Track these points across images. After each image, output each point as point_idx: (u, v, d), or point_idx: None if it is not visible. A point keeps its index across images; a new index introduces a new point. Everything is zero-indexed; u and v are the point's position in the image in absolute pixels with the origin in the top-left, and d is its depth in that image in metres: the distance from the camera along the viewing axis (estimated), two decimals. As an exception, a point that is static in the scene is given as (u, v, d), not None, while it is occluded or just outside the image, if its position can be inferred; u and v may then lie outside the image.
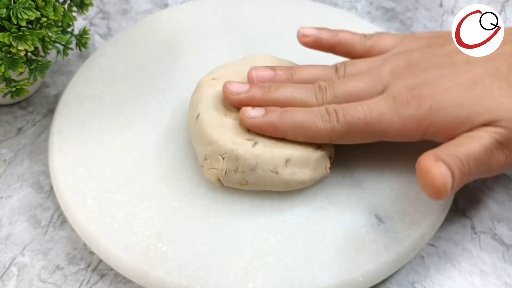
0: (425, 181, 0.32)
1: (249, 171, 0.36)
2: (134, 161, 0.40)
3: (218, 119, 0.38)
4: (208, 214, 0.37)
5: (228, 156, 0.36)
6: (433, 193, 0.32)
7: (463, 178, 0.33)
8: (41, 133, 0.45)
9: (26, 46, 0.37)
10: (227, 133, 0.37)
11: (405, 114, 0.35)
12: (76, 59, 0.51)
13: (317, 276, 0.34)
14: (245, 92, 0.38)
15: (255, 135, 0.37)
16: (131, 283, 0.37)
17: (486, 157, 0.33)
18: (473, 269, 0.38)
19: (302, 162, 0.37)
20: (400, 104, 0.35)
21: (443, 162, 0.32)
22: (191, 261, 0.35)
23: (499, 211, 0.42)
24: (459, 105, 0.34)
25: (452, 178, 0.32)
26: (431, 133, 0.35)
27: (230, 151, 0.36)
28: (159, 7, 0.58)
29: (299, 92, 0.38)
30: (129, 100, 0.44)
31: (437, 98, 0.34)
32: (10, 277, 0.37)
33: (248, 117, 0.37)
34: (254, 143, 0.37)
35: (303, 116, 0.36)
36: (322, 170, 0.38)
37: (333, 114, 0.36)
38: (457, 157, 0.32)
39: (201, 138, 0.38)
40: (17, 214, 0.40)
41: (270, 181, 0.37)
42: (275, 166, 0.36)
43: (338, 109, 0.36)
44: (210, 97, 0.39)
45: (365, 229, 0.36)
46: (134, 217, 0.37)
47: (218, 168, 0.37)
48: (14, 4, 0.37)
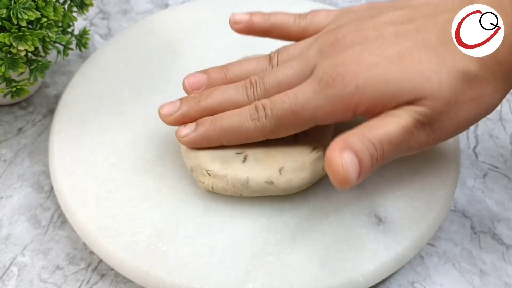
0: (329, 172, 0.30)
1: (240, 185, 0.36)
2: (135, 161, 0.40)
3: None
4: (209, 214, 0.37)
5: (215, 174, 0.36)
6: (337, 183, 0.30)
7: (376, 162, 0.31)
8: (42, 133, 0.46)
9: (26, 46, 0.37)
10: (215, 147, 0.36)
11: (331, 95, 0.33)
12: (76, 59, 0.52)
13: (317, 276, 0.34)
14: (177, 111, 0.37)
15: (245, 146, 0.36)
16: (131, 283, 0.37)
17: (404, 138, 0.32)
18: (473, 269, 0.38)
19: (297, 168, 0.36)
20: (325, 85, 0.33)
21: (351, 149, 0.30)
22: (192, 260, 0.35)
23: (499, 211, 0.42)
24: (385, 82, 0.32)
25: (360, 166, 0.30)
26: (361, 111, 0.33)
27: (218, 169, 0.36)
28: (159, 7, 0.58)
29: (230, 94, 0.36)
30: (129, 100, 0.44)
31: (363, 75, 0.32)
32: (10, 277, 0.37)
33: (181, 137, 0.36)
34: (243, 157, 0.36)
35: (231, 120, 0.35)
36: (319, 171, 0.37)
37: (261, 111, 0.34)
38: (370, 141, 0.31)
39: (187, 150, 0.37)
40: (17, 214, 0.40)
41: (266, 191, 0.36)
42: (268, 177, 0.36)
43: (266, 104, 0.35)
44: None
45: (365, 229, 0.36)
46: (135, 217, 0.37)
47: (205, 183, 0.36)
48: (14, 5, 0.37)
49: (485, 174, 0.44)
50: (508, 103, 0.50)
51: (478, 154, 0.46)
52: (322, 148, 0.37)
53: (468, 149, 0.46)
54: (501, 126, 0.48)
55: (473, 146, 0.46)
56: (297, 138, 0.37)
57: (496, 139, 0.47)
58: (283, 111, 0.34)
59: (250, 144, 0.37)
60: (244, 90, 0.36)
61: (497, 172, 0.44)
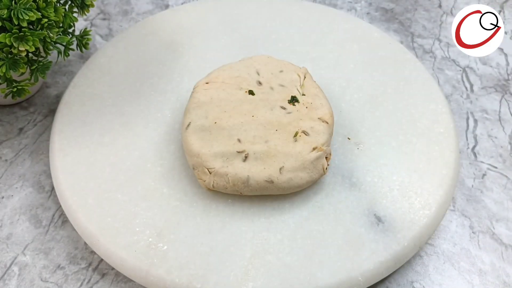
0: None
1: (241, 184, 0.36)
2: (135, 161, 0.40)
3: (208, 129, 0.38)
4: (209, 214, 0.37)
5: (216, 172, 0.36)
6: None
7: None
8: (42, 133, 0.46)
9: (27, 46, 0.37)
10: (217, 145, 0.37)
11: None
12: (77, 59, 0.52)
13: (317, 275, 0.34)
14: None
15: (247, 143, 0.37)
16: (131, 282, 0.37)
17: None
18: (472, 268, 0.38)
19: (297, 167, 0.37)
20: None
21: None
22: (192, 260, 0.35)
23: (498, 211, 0.42)
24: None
25: None
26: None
27: (219, 167, 0.36)
28: (160, 8, 0.58)
29: None
30: (130, 100, 0.44)
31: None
32: (11, 277, 0.37)
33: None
34: (244, 156, 0.37)
35: None
36: (319, 171, 0.38)
37: None
38: None
39: (189, 148, 0.38)
40: (18, 214, 0.40)
41: (266, 190, 0.37)
42: (269, 176, 0.36)
43: None
44: (202, 103, 0.40)
45: (364, 229, 0.37)
46: (135, 217, 0.37)
47: (206, 181, 0.37)
48: (15, 5, 0.37)
49: (484, 174, 0.44)
50: (507, 103, 0.50)
51: (477, 154, 0.46)
52: (322, 148, 0.38)
53: (467, 149, 0.46)
54: (500, 126, 0.48)
55: (472, 146, 0.46)
56: (297, 138, 0.38)
57: (495, 139, 0.47)
58: None
59: (251, 143, 0.37)
60: None
61: (496, 172, 0.44)
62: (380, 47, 0.49)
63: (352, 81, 0.46)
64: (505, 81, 0.52)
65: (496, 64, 0.54)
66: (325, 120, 0.39)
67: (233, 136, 0.38)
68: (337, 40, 0.50)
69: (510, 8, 0.60)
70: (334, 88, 0.45)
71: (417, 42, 0.56)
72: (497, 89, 0.51)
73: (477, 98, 0.50)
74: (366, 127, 0.43)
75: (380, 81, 0.46)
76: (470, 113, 0.49)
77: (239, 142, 0.37)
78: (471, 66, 0.53)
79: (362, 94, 0.45)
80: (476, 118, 0.49)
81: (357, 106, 0.44)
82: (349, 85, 0.46)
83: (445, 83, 0.52)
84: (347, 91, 0.45)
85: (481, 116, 0.49)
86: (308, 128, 0.38)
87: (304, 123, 0.39)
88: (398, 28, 0.57)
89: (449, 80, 0.52)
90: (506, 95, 0.51)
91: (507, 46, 0.55)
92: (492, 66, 0.53)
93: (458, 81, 0.52)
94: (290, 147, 0.37)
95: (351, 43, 0.49)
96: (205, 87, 0.41)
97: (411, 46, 0.55)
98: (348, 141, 0.42)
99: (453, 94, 0.51)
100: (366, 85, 0.46)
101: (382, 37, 0.50)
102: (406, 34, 0.57)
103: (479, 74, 0.53)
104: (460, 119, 0.48)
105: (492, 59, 0.54)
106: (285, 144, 0.37)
